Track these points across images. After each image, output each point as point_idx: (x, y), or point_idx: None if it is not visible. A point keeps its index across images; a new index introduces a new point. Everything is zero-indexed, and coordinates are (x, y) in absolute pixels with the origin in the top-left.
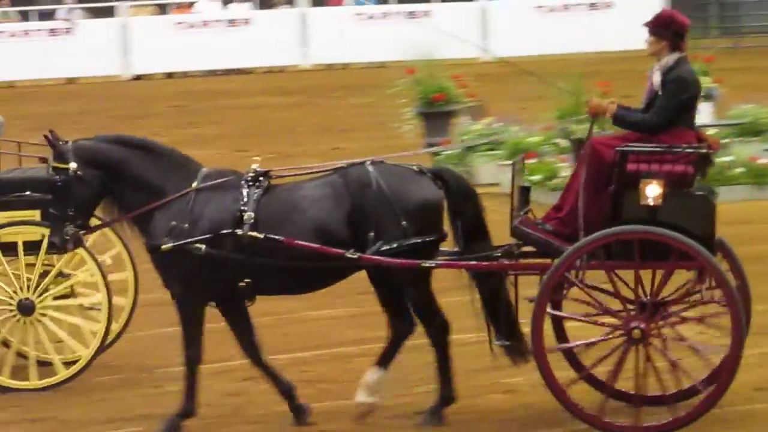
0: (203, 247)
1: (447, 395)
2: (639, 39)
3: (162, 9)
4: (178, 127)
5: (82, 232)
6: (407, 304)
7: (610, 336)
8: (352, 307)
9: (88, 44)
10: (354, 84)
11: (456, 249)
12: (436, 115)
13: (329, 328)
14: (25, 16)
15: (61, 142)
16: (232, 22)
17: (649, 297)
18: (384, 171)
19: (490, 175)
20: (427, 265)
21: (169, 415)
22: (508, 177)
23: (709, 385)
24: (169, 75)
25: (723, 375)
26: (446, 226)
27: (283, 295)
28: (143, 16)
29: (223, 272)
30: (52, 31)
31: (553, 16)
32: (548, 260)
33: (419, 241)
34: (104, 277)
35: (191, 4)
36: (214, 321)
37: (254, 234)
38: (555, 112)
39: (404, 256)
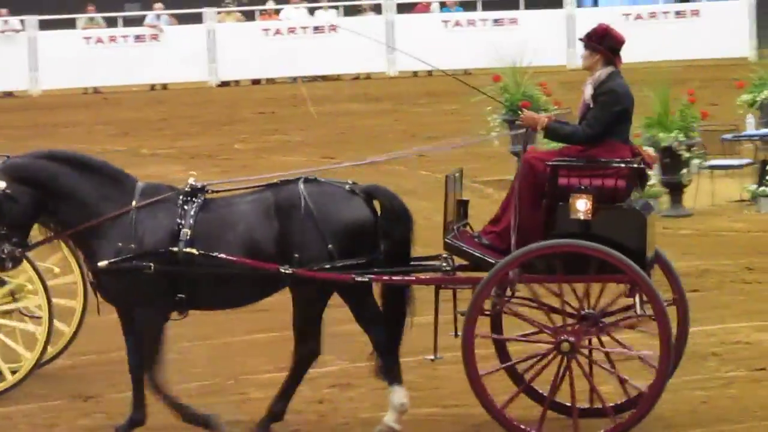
0: (152, 265)
1: (278, 409)
2: (726, 47)
3: (249, 16)
4: (264, 133)
5: (19, 250)
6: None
7: (543, 352)
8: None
9: (175, 51)
10: (440, 91)
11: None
12: None
13: (416, 334)
14: (112, 23)
15: None
16: (318, 29)
17: (580, 310)
18: (314, 191)
19: None
20: (359, 279)
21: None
22: None
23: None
24: (256, 81)
25: (650, 391)
26: None
27: (215, 310)
28: (230, 22)
29: (163, 288)
30: (139, 38)
31: (639, 23)
32: (483, 274)
33: (345, 264)
34: (42, 281)
35: (278, 11)
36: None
37: (190, 250)
38: (643, 120)
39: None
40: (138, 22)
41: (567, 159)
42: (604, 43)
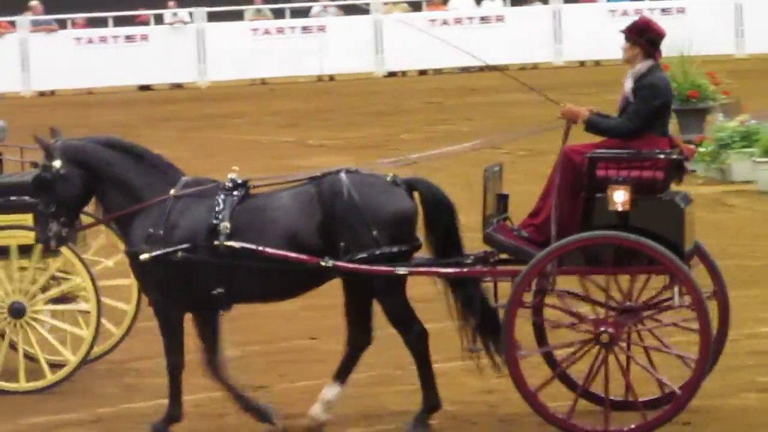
0: (180, 254)
1: (431, 402)
2: None
3: (415, 6)
4: (430, 123)
5: (65, 230)
6: (371, 316)
7: (581, 341)
8: None
9: (341, 42)
10: (607, 80)
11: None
12: (690, 112)
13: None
14: (279, 14)
15: (51, 141)
16: (485, 19)
17: (618, 302)
18: (357, 181)
19: (745, 172)
20: (400, 271)
21: (156, 420)
22: (763, 174)
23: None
24: (422, 72)
25: (691, 380)
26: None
27: (258, 303)
28: (396, 13)
29: (196, 280)
30: (306, 29)
31: None
32: (522, 267)
33: (391, 250)
34: (94, 282)
35: (445, 1)
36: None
37: (231, 244)
38: None
39: (377, 266)
40: (305, 13)
41: (605, 151)
42: (644, 36)
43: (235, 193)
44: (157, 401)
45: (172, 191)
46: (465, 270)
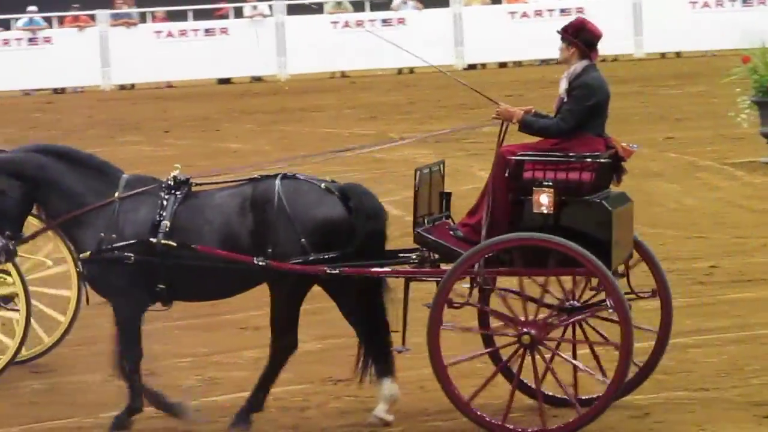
0: (133, 256)
1: (255, 403)
2: None
3: None
4: None
5: (12, 242)
6: (377, 313)
7: (503, 344)
8: (689, 297)
9: (421, 34)
10: (688, 73)
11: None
12: None
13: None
14: (358, 7)
15: None
16: (565, 11)
17: (540, 303)
18: (290, 187)
19: None
20: (330, 270)
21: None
22: None
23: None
24: (502, 65)
25: (612, 382)
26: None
27: (197, 302)
28: (476, 5)
29: (143, 279)
30: (386, 22)
31: None
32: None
33: (318, 257)
34: (25, 288)
35: None
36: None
37: (168, 242)
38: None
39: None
40: (385, 6)
41: (531, 153)
42: (580, 37)
43: (177, 192)
44: (238, 394)
45: (116, 193)
46: (391, 270)
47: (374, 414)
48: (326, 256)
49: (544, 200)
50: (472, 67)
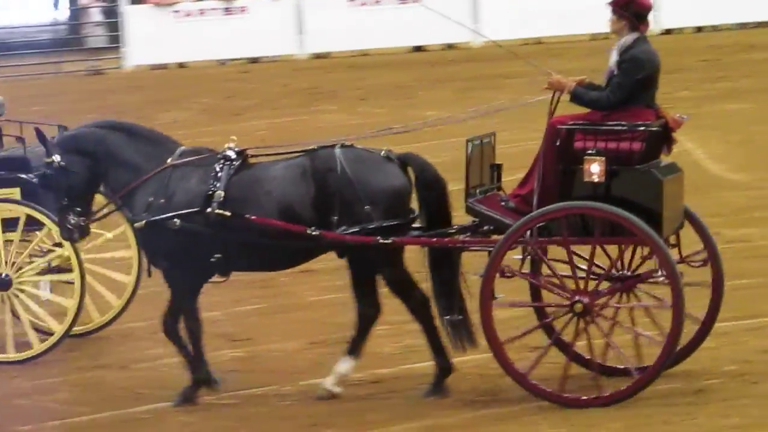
0: (178, 221)
1: (443, 366)
2: None
3: None
4: (707, 81)
5: (83, 219)
6: (376, 289)
7: (556, 311)
8: None
9: None
10: None
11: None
12: None
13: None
14: None
15: (52, 138)
16: None
17: (590, 271)
18: (351, 156)
19: None
20: (382, 240)
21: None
22: None
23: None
24: (699, 29)
25: (659, 356)
26: None
27: (256, 272)
28: None
29: (196, 247)
30: None
31: None
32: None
33: (383, 224)
34: (77, 253)
35: None
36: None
37: (222, 212)
38: None
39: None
40: None
41: (582, 123)
42: (629, 10)
43: (232, 163)
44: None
45: (169, 160)
46: (445, 240)
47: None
48: (390, 224)
49: (595, 169)
50: (668, 32)
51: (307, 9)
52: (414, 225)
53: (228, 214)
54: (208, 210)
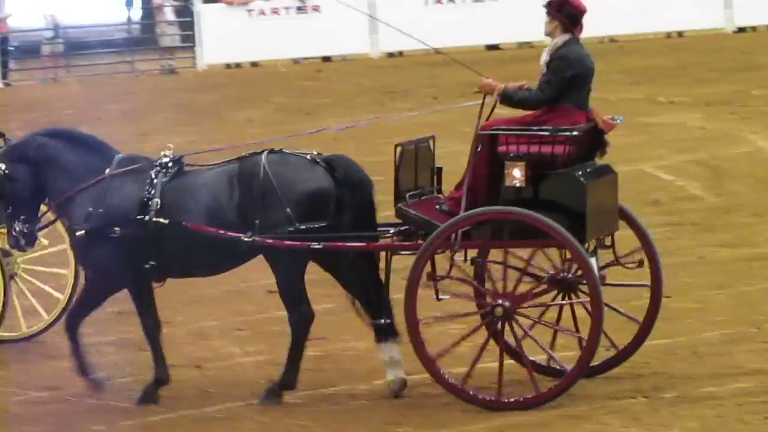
0: (117, 229)
1: (287, 381)
2: None
3: None
4: None
5: (27, 226)
6: (371, 284)
7: (478, 311)
8: None
9: None
10: None
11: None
12: None
13: None
14: None
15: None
16: None
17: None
18: (275, 161)
19: None
20: (314, 245)
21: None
22: None
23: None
24: None
25: (581, 358)
26: None
27: (187, 278)
28: None
29: (132, 255)
30: None
31: None
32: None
33: (304, 227)
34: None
35: None
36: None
37: (160, 220)
38: None
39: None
40: None
41: (504, 126)
42: (563, 11)
43: (166, 170)
44: (510, 361)
45: (107, 170)
46: (375, 244)
47: (389, 381)
48: (314, 227)
49: (516, 174)
50: (741, 30)
51: (381, 7)
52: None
53: (165, 221)
54: (145, 218)
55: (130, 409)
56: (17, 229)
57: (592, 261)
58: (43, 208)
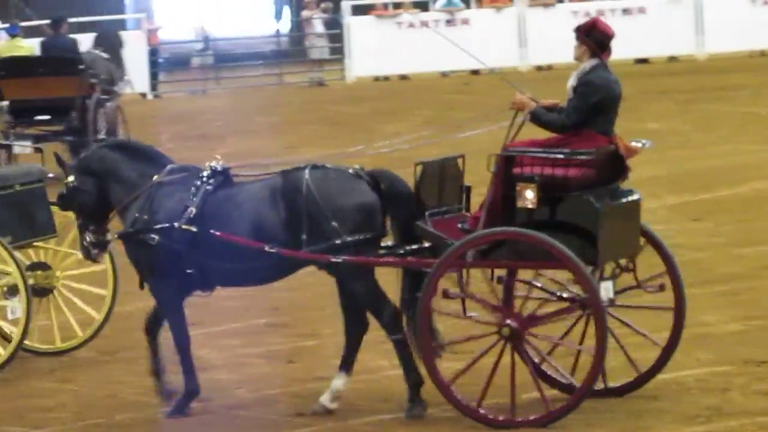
0: (156, 237)
1: (415, 380)
2: None
3: None
4: None
5: (98, 237)
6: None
7: (487, 332)
8: None
9: None
10: None
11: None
12: None
13: None
14: None
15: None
16: None
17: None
18: (318, 175)
19: None
20: (333, 259)
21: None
22: None
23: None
24: None
25: (588, 375)
26: None
27: (232, 287)
28: None
29: (174, 261)
30: None
31: None
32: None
33: (349, 239)
34: (22, 275)
35: None
36: None
37: (188, 227)
38: None
39: (344, 255)
40: None
41: (521, 148)
42: (590, 36)
43: (211, 180)
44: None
45: (155, 177)
46: (390, 260)
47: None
48: (357, 238)
49: (528, 195)
50: None
51: (530, 20)
52: (386, 242)
53: (194, 229)
54: (176, 225)
55: (278, 421)
56: (87, 239)
57: (607, 284)
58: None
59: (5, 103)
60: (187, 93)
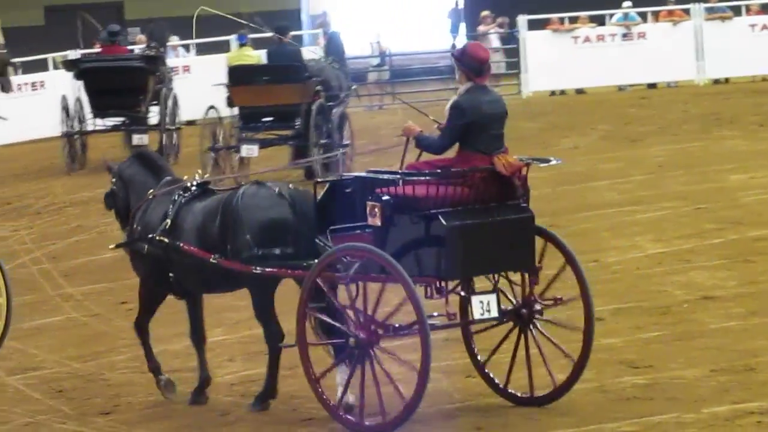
0: (146, 246)
1: (267, 392)
2: None
3: None
4: None
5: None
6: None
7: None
8: None
9: None
10: None
11: None
12: None
13: None
14: None
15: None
16: None
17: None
18: (249, 193)
19: None
20: (255, 270)
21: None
22: None
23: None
24: None
25: (417, 384)
26: None
27: (198, 294)
28: None
29: (158, 267)
30: None
31: None
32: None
33: (259, 252)
34: (5, 278)
35: None
36: None
37: (161, 239)
38: None
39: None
40: None
41: (374, 171)
42: (462, 62)
43: (187, 194)
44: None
45: (151, 191)
46: (275, 270)
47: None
48: (271, 252)
49: (374, 214)
50: None
51: (707, 34)
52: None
53: (166, 240)
54: (151, 236)
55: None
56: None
57: (485, 297)
58: None
59: (235, 109)
60: (365, 108)
